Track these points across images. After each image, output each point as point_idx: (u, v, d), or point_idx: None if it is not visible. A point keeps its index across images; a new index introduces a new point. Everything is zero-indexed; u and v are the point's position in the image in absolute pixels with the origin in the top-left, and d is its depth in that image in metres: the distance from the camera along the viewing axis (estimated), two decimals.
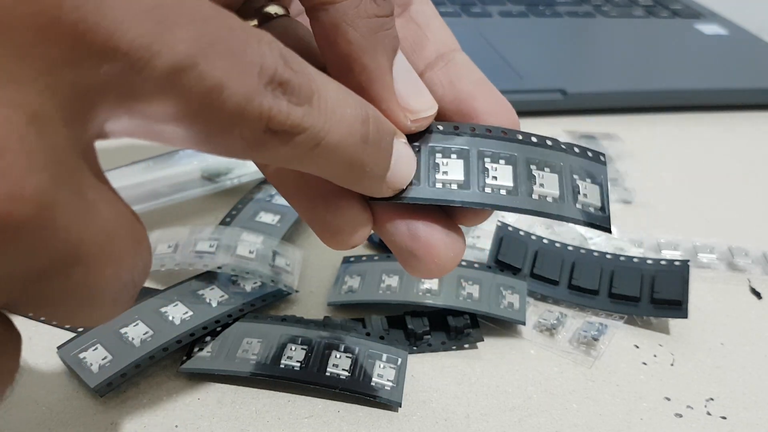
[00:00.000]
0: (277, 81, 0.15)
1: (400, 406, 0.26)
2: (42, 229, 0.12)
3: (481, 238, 0.34)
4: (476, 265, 0.31)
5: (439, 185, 0.21)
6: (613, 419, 0.27)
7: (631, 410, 0.27)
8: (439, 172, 0.21)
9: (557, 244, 0.34)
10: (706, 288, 0.34)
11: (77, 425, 0.24)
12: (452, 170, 0.21)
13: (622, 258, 0.33)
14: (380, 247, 0.34)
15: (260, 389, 0.26)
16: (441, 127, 0.21)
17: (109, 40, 0.12)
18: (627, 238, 0.36)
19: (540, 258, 0.32)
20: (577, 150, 0.22)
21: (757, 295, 0.34)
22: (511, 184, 0.21)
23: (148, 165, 0.34)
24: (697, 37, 0.60)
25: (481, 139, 0.21)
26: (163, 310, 0.28)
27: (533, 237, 0.34)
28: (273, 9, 0.22)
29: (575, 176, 0.22)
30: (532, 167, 0.22)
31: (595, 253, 0.33)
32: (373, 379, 0.26)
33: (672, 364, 0.29)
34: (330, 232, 0.21)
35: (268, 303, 0.30)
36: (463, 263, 0.31)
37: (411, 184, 0.20)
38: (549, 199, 0.21)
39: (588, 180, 0.22)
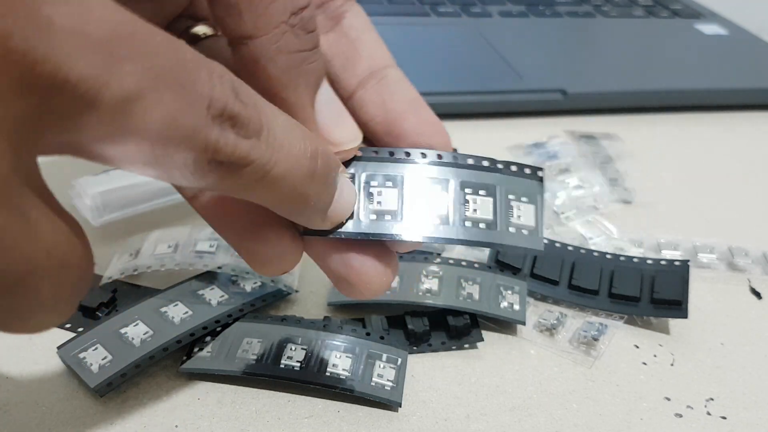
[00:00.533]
0: (226, 114, 0.15)
1: (400, 406, 0.26)
2: None
3: None
4: (476, 265, 0.31)
5: (372, 216, 0.21)
6: (613, 419, 0.27)
7: (631, 410, 0.27)
8: (373, 202, 0.21)
9: (557, 244, 0.34)
10: (706, 288, 0.34)
11: (77, 425, 0.24)
12: (386, 200, 0.21)
13: (622, 258, 0.33)
14: None
15: (260, 389, 0.26)
16: (376, 152, 0.21)
17: (58, 72, 0.12)
18: (627, 238, 0.36)
19: (540, 258, 0.32)
20: (513, 168, 0.22)
21: (757, 295, 0.34)
22: (444, 212, 0.21)
23: None
24: (697, 37, 0.60)
25: (415, 165, 0.22)
26: (163, 309, 0.28)
27: None
28: (201, 29, 0.22)
29: (510, 197, 0.22)
30: (467, 191, 0.22)
31: (595, 253, 0.33)
32: (373, 379, 0.26)
33: (672, 364, 0.29)
34: (259, 263, 0.21)
35: (268, 303, 0.30)
36: (464, 263, 0.31)
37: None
38: (482, 225, 0.21)
39: (524, 199, 0.22)
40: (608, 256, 0.33)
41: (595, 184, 0.40)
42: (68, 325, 0.28)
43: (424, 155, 0.22)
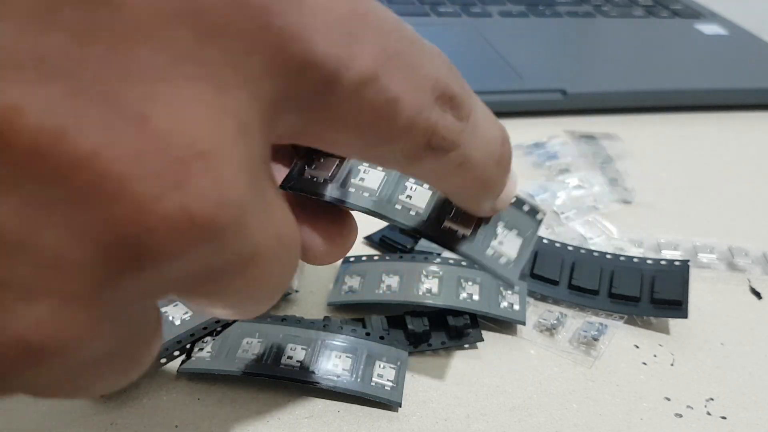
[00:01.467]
0: (446, 96, 0.15)
1: (400, 406, 0.26)
2: (236, 233, 0.12)
3: None
4: (476, 266, 0.31)
5: (352, 189, 0.21)
6: (613, 419, 0.27)
7: (631, 410, 0.27)
8: (356, 178, 0.21)
9: (557, 244, 0.34)
10: (706, 288, 0.34)
11: (77, 425, 0.24)
12: (369, 179, 0.21)
13: (622, 258, 0.33)
14: (380, 247, 0.34)
15: (260, 389, 0.26)
16: None
17: (307, 51, 0.12)
18: (627, 238, 0.36)
19: (540, 258, 0.32)
20: (514, 200, 0.22)
21: (757, 295, 0.34)
22: (422, 207, 0.21)
23: None
24: (697, 37, 0.60)
25: None
26: (163, 310, 0.28)
27: None
28: None
29: (500, 222, 0.22)
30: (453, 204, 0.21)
31: (595, 253, 0.33)
32: (373, 379, 0.26)
33: (672, 364, 0.29)
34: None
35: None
36: (464, 263, 0.31)
37: (325, 181, 0.21)
38: (459, 234, 0.21)
39: (514, 231, 0.22)
40: (608, 256, 0.33)
41: (595, 184, 0.40)
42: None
43: None
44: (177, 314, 0.28)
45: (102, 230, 0.10)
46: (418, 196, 0.21)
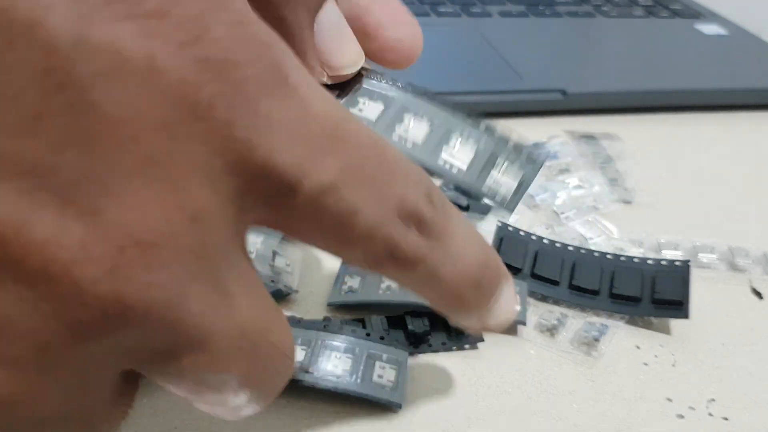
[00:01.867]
0: (414, 216, 0.16)
1: (401, 407, 0.26)
2: (169, 316, 0.13)
3: None
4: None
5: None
6: (614, 420, 0.26)
7: (632, 411, 0.27)
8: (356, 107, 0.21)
9: (557, 245, 0.33)
10: (706, 288, 0.34)
11: None
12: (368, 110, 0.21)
13: (622, 258, 0.33)
14: None
15: None
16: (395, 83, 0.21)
17: (267, 159, 0.13)
18: (627, 238, 0.36)
19: (540, 258, 0.32)
20: (513, 144, 0.22)
21: (758, 295, 0.34)
22: (420, 141, 0.21)
23: None
24: (697, 37, 0.60)
25: (412, 97, 0.21)
26: None
27: (533, 237, 0.34)
28: None
29: (499, 159, 0.22)
30: (454, 134, 0.21)
31: (596, 254, 0.33)
32: (373, 379, 0.26)
33: (673, 365, 0.29)
34: None
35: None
36: None
37: None
38: (454, 170, 0.21)
39: (516, 165, 0.22)
40: (609, 257, 0.33)
41: (595, 184, 0.40)
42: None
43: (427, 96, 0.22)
44: None
45: (47, 306, 0.12)
46: (417, 130, 0.21)
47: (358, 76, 0.21)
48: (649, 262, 0.32)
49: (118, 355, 0.13)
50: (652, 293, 0.31)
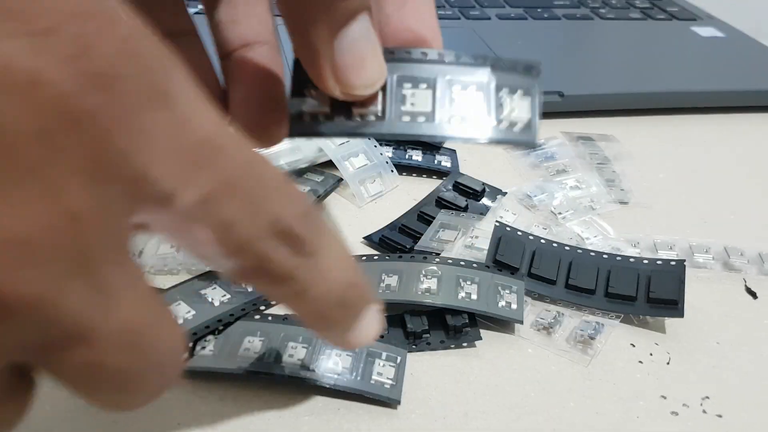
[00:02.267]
0: (287, 234, 0.17)
1: (399, 404, 0.26)
2: (43, 310, 0.13)
3: (479, 238, 0.34)
4: (475, 265, 0.32)
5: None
6: (609, 417, 0.27)
7: (627, 408, 0.27)
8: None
9: (555, 244, 0.34)
10: (701, 287, 0.34)
11: (80, 424, 0.25)
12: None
13: (618, 258, 0.33)
14: (379, 246, 0.35)
15: (261, 387, 0.27)
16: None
17: (143, 170, 0.14)
18: (623, 238, 0.36)
19: (537, 258, 0.33)
20: (505, 64, 0.22)
21: (753, 294, 0.34)
22: (429, 109, 0.21)
23: None
24: (693, 39, 0.61)
25: (404, 64, 0.22)
26: None
27: (531, 237, 0.34)
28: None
29: (503, 91, 0.22)
30: (455, 88, 0.21)
31: (592, 253, 0.34)
32: (373, 377, 0.27)
33: (668, 363, 0.30)
34: None
35: (269, 302, 0.30)
36: (462, 263, 0.31)
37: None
38: (457, 119, 0.21)
39: (518, 92, 0.22)
40: (605, 256, 0.33)
41: (592, 184, 0.41)
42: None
43: (424, 54, 0.22)
44: (179, 313, 0.28)
45: None
46: (421, 99, 0.21)
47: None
48: (645, 261, 0.33)
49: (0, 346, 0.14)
50: (647, 292, 0.31)
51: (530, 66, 0.22)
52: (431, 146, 0.43)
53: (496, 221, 0.34)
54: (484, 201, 0.39)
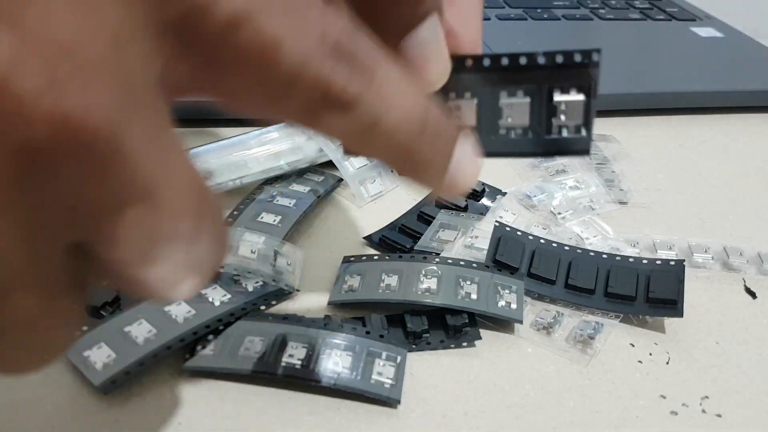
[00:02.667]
0: (339, 50, 0.15)
1: (399, 403, 0.26)
2: (113, 142, 0.12)
3: (479, 238, 0.34)
4: (474, 265, 0.32)
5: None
6: (609, 416, 0.27)
7: (626, 408, 0.27)
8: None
9: (554, 244, 0.34)
10: (701, 287, 0.34)
11: (81, 422, 0.25)
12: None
13: (618, 258, 0.33)
14: (380, 246, 0.35)
15: (262, 386, 0.27)
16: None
17: None
18: (623, 238, 0.36)
19: (537, 258, 0.33)
20: (560, 60, 0.20)
21: (752, 294, 0.34)
22: (473, 123, 0.20)
23: None
24: (692, 39, 0.61)
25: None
26: (166, 308, 0.29)
27: (530, 237, 0.34)
28: None
29: (556, 91, 0.20)
30: (502, 95, 0.20)
31: (592, 253, 0.34)
32: (373, 376, 0.27)
33: (667, 363, 0.30)
34: None
35: (269, 302, 0.30)
36: (462, 263, 0.32)
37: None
38: (513, 134, 0.20)
39: (572, 91, 0.20)
40: (604, 256, 0.33)
41: (592, 185, 0.41)
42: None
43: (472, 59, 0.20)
44: (180, 312, 0.28)
45: None
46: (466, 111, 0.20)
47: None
48: (644, 261, 0.33)
49: (61, 210, 0.12)
50: (646, 292, 0.31)
51: (587, 53, 0.20)
52: None
53: (496, 221, 0.34)
54: (484, 201, 0.39)
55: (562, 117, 0.20)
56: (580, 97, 0.20)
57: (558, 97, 0.19)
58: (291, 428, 0.25)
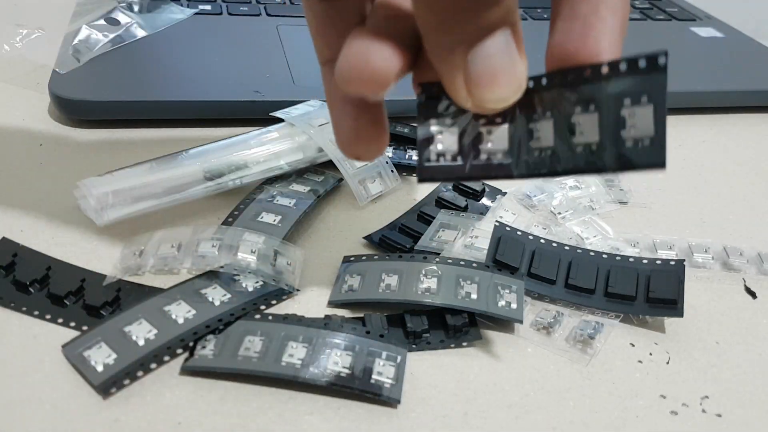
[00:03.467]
0: None
1: (399, 403, 0.26)
2: None
3: (479, 238, 0.34)
4: (474, 265, 0.32)
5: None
6: (609, 416, 0.27)
7: (626, 408, 0.27)
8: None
9: (554, 244, 0.34)
10: (701, 287, 0.34)
11: (81, 422, 0.25)
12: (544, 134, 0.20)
13: (618, 257, 0.33)
14: (380, 246, 0.35)
15: (262, 386, 0.27)
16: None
17: None
18: (623, 238, 0.36)
19: (537, 257, 0.33)
20: (624, 68, 0.19)
21: (752, 294, 0.34)
22: (551, 143, 0.19)
23: (151, 166, 0.34)
24: (692, 39, 0.61)
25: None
26: (166, 308, 0.29)
27: (531, 237, 0.34)
28: None
29: (625, 101, 0.19)
30: (577, 110, 0.19)
31: (592, 253, 0.34)
32: (373, 376, 0.27)
33: (667, 363, 0.30)
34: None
35: (269, 302, 0.30)
36: (462, 263, 0.32)
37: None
38: (591, 148, 0.19)
39: (643, 100, 0.19)
40: (604, 256, 0.33)
41: (592, 184, 0.41)
42: (72, 324, 0.28)
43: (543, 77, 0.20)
44: (180, 312, 0.28)
45: None
46: (545, 132, 0.20)
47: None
48: (644, 261, 0.33)
49: None
50: (646, 292, 0.31)
51: (653, 57, 0.19)
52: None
53: (496, 221, 0.34)
54: (484, 201, 0.39)
55: (632, 130, 0.19)
56: (650, 106, 0.19)
57: (626, 109, 0.19)
58: (291, 429, 0.25)
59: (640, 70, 0.19)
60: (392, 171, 0.40)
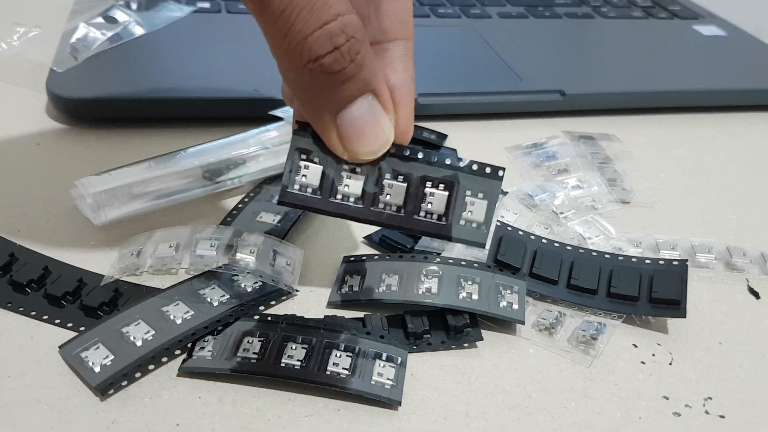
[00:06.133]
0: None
1: (400, 405, 0.26)
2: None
3: None
4: (476, 265, 0.31)
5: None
6: (611, 418, 0.27)
7: (629, 409, 0.27)
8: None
9: (556, 244, 0.34)
10: (704, 287, 0.34)
11: (79, 424, 0.25)
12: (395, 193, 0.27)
13: (620, 258, 0.33)
14: (380, 246, 0.34)
15: (261, 388, 0.27)
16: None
17: None
18: (625, 238, 0.36)
19: (539, 257, 0.33)
20: (475, 168, 0.26)
21: (755, 294, 0.34)
22: (400, 202, 0.26)
23: (149, 165, 0.34)
24: (695, 38, 0.61)
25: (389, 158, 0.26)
26: (164, 309, 0.28)
27: (532, 237, 0.34)
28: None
29: (468, 192, 0.26)
30: (428, 184, 0.26)
31: (594, 253, 0.33)
32: (373, 377, 0.27)
33: (670, 364, 0.29)
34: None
35: (268, 302, 0.30)
36: (463, 263, 0.31)
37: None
38: (434, 217, 0.26)
39: (479, 196, 0.26)
40: (607, 256, 0.33)
41: (594, 184, 0.41)
42: (70, 325, 0.28)
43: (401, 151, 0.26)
44: (178, 313, 0.28)
45: None
46: (396, 192, 0.26)
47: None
48: (647, 261, 0.33)
49: None
50: (649, 292, 0.31)
51: (496, 169, 0.26)
52: (431, 145, 0.43)
53: (498, 221, 0.34)
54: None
55: (469, 214, 0.26)
56: (484, 201, 0.26)
57: (468, 197, 0.26)
58: (290, 430, 0.25)
59: (487, 174, 0.26)
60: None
